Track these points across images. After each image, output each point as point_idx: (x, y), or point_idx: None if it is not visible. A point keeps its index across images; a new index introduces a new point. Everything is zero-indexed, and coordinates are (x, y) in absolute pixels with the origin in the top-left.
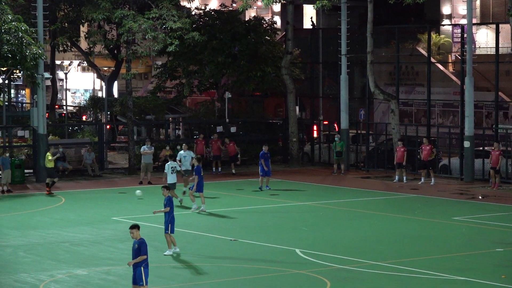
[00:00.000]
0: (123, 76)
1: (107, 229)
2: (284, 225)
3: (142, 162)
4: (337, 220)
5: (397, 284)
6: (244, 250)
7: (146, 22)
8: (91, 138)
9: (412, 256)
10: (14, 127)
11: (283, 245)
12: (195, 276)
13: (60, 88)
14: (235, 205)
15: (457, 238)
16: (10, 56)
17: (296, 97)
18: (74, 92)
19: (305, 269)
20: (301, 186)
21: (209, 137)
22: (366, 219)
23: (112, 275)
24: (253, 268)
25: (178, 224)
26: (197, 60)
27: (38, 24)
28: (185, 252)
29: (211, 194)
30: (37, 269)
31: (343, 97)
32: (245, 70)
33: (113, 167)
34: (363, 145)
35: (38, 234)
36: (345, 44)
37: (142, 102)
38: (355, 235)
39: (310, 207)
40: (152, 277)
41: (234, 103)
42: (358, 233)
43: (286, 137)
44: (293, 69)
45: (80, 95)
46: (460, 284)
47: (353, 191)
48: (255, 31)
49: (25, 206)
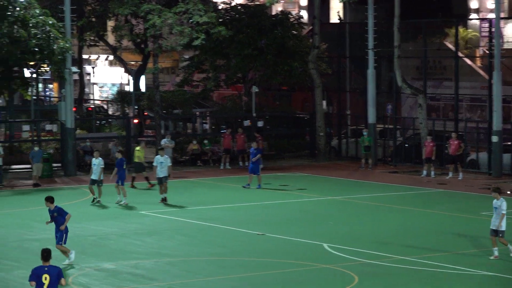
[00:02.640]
0: (150, 70)
1: (134, 223)
2: (311, 220)
3: None
4: (364, 215)
5: (425, 279)
6: (271, 244)
7: (172, 17)
8: (119, 132)
9: (439, 251)
10: (42, 121)
11: (310, 240)
12: (222, 270)
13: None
14: (262, 199)
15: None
16: (37, 50)
17: (323, 92)
18: (102, 86)
19: (333, 263)
20: (328, 181)
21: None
22: (394, 214)
23: (140, 268)
24: (280, 263)
25: (205, 218)
26: (224, 54)
27: (65, 19)
28: (212, 246)
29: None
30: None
31: (370, 92)
32: (272, 64)
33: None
34: (390, 139)
35: None
36: (372, 39)
37: (169, 96)
38: (383, 229)
39: (338, 202)
40: (179, 270)
41: (261, 97)
42: (385, 227)
43: (313, 131)
44: (320, 63)
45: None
46: (487, 279)
47: (381, 186)
48: (282, 25)
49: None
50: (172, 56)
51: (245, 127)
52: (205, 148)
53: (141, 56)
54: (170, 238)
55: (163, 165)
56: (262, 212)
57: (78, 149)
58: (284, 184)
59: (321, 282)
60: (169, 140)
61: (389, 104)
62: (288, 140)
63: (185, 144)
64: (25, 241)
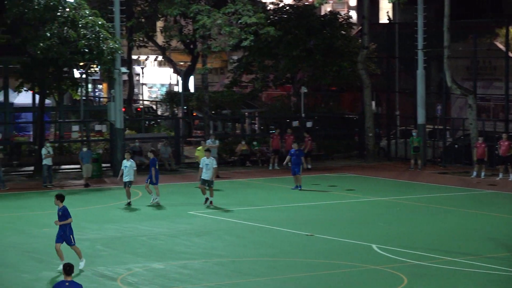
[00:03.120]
0: (199, 70)
1: (183, 223)
2: (360, 221)
3: None
4: (413, 216)
5: (475, 282)
6: (319, 245)
7: (221, 18)
8: (168, 132)
9: (490, 253)
10: (92, 122)
11: (359, 241)
12: (271, 271)
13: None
14: (311, 200)
15: None
16: (87, 51)
17: (372, 92)
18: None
19: (382, 264)
20: (377, 182)
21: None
22: (443, 215)
23: (189, 269)
24: (328, 264)
25: (254, 219)
26: (272, 54)
27: (115, 19)
28: (261, 246)
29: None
30: (115, 262)
31: (420, 92)
32: (321, 65)
33: (189, 162)
34: (440, 140)
35: (115, 228)
36: (421, 39)
37: (218, 96)
38: (432, 230)
39: (387, 203)
40: (229, 271)
41: (310, 97)
42: (435, 229)
43: (362, 132)
44: (369, 64)
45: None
46: None
47: (430, 187)
48: (331, 25)
49: (102, 200)
50: (221, 57)
51: (294, 127)
52: (254, 149)
53: (190, 56)
54: (219, 238)
55: (209, 167)
56: (310, 212)
57: (127, 149)
58: (333, 185)
59: (369, 283)
60: (213, 141)
61: (439, 105)
62: (337, 141)
63: (234, 144)
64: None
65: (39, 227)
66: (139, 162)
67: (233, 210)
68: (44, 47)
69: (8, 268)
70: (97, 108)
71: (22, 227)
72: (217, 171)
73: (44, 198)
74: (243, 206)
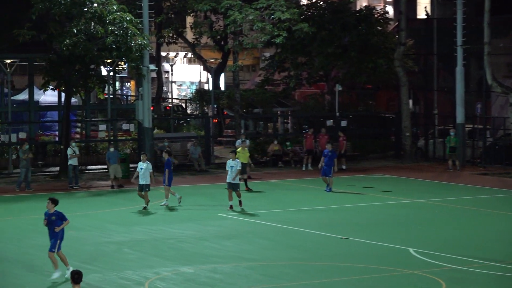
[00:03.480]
0: (230, 68)
1: (213, 226)
2: (396, 223)
3: None
4: (452, 219)
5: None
6: (354, 248)
7: (253, 13)
8: (197, 132)
9: None
10: (119, 121)
11: (396, 244)
12: (303, 275)
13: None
14: (346, 202)
15: None
16: (114, 48)
17: (409, 90)
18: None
19: (419, 269)
20: (414, 183)
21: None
22: (483, 218)
23: (219, 273)
24: (364, 268)
25: (286, 221)
26: (306, 52)
27: (143, 15)
28: (293, 250)
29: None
30: (142, 266)
31: (459, 90)
32: (356, 62)
33: (219, 162)
34: (479, 140)
35: (142, 230)
36: (460, 35)
37: (249, 95)
38: (471, 234)
39: (424, 205)
40: (259, 275)
41: (345, 96)
42: (474, 232)
43: (399, 132)
44: (406, 61)
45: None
46: None
47: (469, 188)
48: (366, 21)
49: (129, 201)
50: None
51: (328, 127)
52: (287, 149)
53: (220, 53)
54: (250, 241)
55: (234, 170)
56: (345, 215)
57: (156, 150)
58: (368, 186)
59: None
60: (243, 141)
61: (479, 103)
62: (373, 141)
63: (266, 144)
64: (101, 244)
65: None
66: None
67: (265, 212)
68: (70, 43)
69: (33, 272)
70: (125, 107)
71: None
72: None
73: (70, 200)
74: (275, 208)
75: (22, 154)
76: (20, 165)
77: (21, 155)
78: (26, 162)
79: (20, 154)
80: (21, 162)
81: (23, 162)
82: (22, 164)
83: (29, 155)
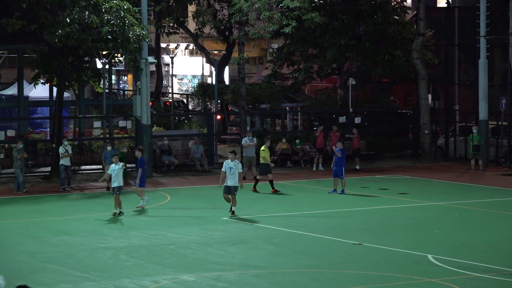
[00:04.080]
0: (235, 60)
1: (217, 230)
2: (414, 228)
3: (244, 156)
4: (474, 222)
5: None
6: (369, 255)
7: (259, 1)
8: (200, 129)
9: None
10: (115, 117)
11: (413, 250)
12: (314, 284)
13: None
14: (359, 204)
15: None
16: (110, 38)
17: (429, 84)
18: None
19: (438, 277)
20: (433, 184)
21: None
22: (507, 222)
23: (223, 281)
24: (379, 276)
25: (295, 225)
26: (317, 43)
27: (142, 3)
28: (303, 256)
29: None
30: (140, 274)
31: (482, 84)
32: (371, 54)
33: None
34: (504, 138)
35: (140, 235)
36: (484, 25)
37: (256, 89)
38: (495, 239)
39: (444, 208)
40: (267, 284)
41: (359, 90)
42: (498, 237)
43: (417, 129)
44: (425, 52)
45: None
46: None
47: (493, 190)
48: (382, 10)
49: (126, 204)
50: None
51: (341, 123)
52: (296, 148)
53: (225, 44)
54: (256, 247)
55: (233, 171)
56: (359, 218)
57: (155, 148)
58: (384, 188)
59: None
60: (250, 139)
61: (503, 98)
62: (389, 139)
63: (274, 143)
64: (97, 250)
65: (57, 234)
66: (168, 162)
67: (272, 216)
68: (63, 34)
69: (21, 280)
70: (122, 102)
71: (39, 234)
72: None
73: (62, 203)
74: (283, 212)
75: (17, 154)
76: (14, 165)
77: (15, 155)
78: (21, 162)
79: (14, 154)
80: (15, 162)
81: (17, 162)
82: (16, 165)
83: (24, 155)
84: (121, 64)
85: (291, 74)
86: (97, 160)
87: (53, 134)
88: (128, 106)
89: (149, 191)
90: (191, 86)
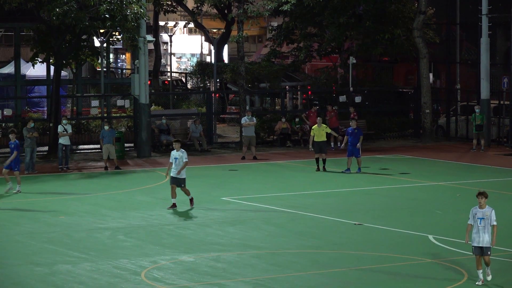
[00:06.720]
0: (234, 38)
1: (216, 211)
2: (415, 208)
3: (244, 136)
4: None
5: None
6: (369, 235)
7: None
8: (198, 108)
9: None
10: (113, 96)
11: (414, 231)
12: (314, 264)
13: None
14: (360, 185)
15: None
16: (108, 17)
17: (430, 63)
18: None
19: (439, 258)
20: (434, 164)
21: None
22: (510, 202)
23: (222, 262)
24: (379, 256)
25: (295, 206)
26: (316, 21)
27: None
28: (303, 237)
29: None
30: (139, 254)
31: (484, 63)
32: (372, 33)
33: (222, 141)
34: (506, 117)
35: (139, 216)
36: (486, 3)
37: (255, 68)
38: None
39: (445, 188)
40: (266, 264)
41: (359, 69)
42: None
43: (418, 108)
44: (426, 31)
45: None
46: None
47: (495, 170)
48: None
49: (124, 184)
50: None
51: (341, 103)
52: (296, 127)
53: (224, 23)
54: (256, 228)
55: (178, 162)
56: (359, 199)
57: (153, 127)
58: (385, 168)
59: (425, 279)
60: (249, 118)
61: (505, 77)
62: (390, 118)
63: (273, 122)
64: (94, 230)
65: (54, 215)
66: (166, 141)
67: (272, 196)
68: (60, 12)
69: (20, 260)
70: (120, 81)
71: (36, 215)
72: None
73: (61, 182)
74: (283, 192)
75: (27, 133)
76: (24, 144)
77: (25, 134)
78: (31, 141)
79: (25, 133)
80: (26, 141)
81: (27, 141)
82: (27, 143)
83: (35, 134)
84: (119, 42)
85: (291, 52)
86: (95, 140)
87: (51, 113)
88: (126, 85)
89: (147, 171)
90: (190, 64)
